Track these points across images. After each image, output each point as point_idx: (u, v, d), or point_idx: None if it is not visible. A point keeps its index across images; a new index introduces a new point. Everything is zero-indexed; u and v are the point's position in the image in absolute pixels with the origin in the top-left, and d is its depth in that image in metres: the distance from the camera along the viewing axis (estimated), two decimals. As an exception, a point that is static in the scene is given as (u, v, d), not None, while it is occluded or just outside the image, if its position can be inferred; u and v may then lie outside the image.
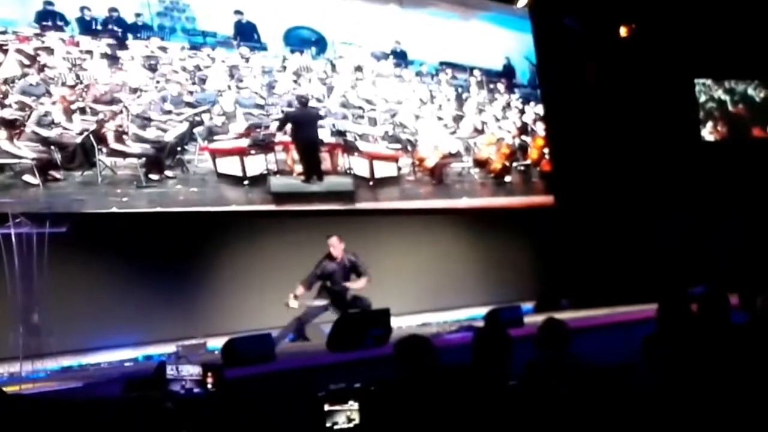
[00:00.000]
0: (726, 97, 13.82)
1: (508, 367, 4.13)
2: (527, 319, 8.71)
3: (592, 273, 11.63)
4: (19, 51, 8.85)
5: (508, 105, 12.63)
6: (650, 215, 12.24)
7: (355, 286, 8.69)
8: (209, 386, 5.26)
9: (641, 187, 12.30)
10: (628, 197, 12.28)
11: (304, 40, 10.96)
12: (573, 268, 11.87)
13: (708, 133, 13.70)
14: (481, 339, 4.26)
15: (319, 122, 10.56)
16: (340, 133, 10.82)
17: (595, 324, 8.42)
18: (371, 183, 10.89)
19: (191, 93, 9.93)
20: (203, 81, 10.08)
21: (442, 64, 12.07)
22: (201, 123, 9.86)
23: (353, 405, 3.74)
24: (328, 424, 3.70)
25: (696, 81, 13.59)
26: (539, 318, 6.80)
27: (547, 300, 11.31)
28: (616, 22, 12.75)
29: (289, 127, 10.26)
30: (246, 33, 10.42)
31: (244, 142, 10.04)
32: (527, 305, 10.76)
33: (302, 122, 10.35)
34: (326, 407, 3.72)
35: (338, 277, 8.75)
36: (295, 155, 10.30)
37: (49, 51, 9.08)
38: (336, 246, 8.82)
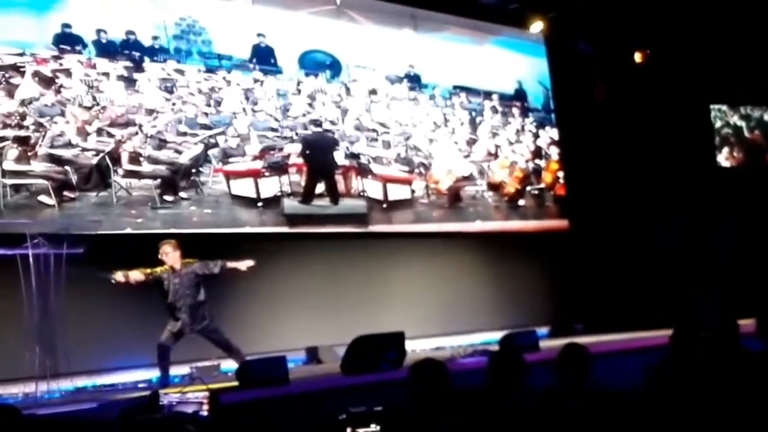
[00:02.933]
0: (742, 123, 13.79)
1: (522, 392, 4.09)
2: (542, 344, 8.64)
3: (607, 297, 11.56)
4: (36, 73, 8.95)
5: (522, 129, 12.65)
6: (665, 240, 12.17)
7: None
8: (204, 412, 5.23)
9: (656, 212, 12.24)
10: (643, 222, 12.23)
11: (319, 64, 11.03)
12: (588, 293, 11.80)
13: (724, 158, 13.66)
14: (496, 363, 4.23)
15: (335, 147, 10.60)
16: (354, 156, 10.84)
17: (611, 349, 8.33)
18: (385, 206, 10.89)
19: (206, 115, 10.00)
20: (218, 103, 10.15)
21: (455, 87, 12.12)
22: (216, 145, 9.91)
23: (375, 428, 3.70)
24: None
25: (712, 107, 13.57)
26: (554, 343, 6.77)
27: (561, 324, 11.24)
28: (630, 47, 12.78)
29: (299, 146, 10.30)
30: (262, 56, 10.50)
31: (259, 164, 10.09)
32: (542, 330, 10.69)
33: (318, 147, 10.38)
34: (348, 430, 3.68)
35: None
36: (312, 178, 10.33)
37: (67, 73, 9.17)
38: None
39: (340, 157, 10.69)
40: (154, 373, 8.28)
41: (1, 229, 7.49)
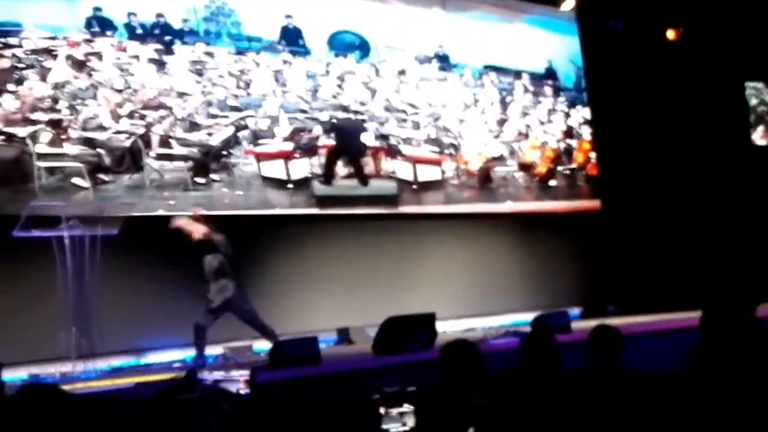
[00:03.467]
0: (779, 101, 13.55)
1: (555, 373, 4.08)
2: (574, 325, 8.60)
3: (639, 279, 11.46)
4: (69, 56, 9.03)
5: (554, 108, 12.52)
6: (698, 220, 12.02)
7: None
8: (242, 390, 5.28)
9: (689, 191, 12.08)
10: (676, 201, 12.08)
11: (348, 45, 11.00)
12: (620, 274, 11.71)
13: (759, 137, 13.42)
14: (529, 344, 4.23)
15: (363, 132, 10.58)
16: (384, 137, 10.82)
17: (643, 331, 8.27)
18: (415, 187, 10.87)
19: (236, 97, 10.03)
20: (248, 85, 10.17)
21: (485, 67, 12.02)
22: (246, 127, 9.95)
23: (408, 408, 3.72)
24: (383, 427, 3.69)
25: (747, 84, 13.33)
26: (586, 324, 6.74)
27: (593, 306, 11.17)
28: (663, 24, 12.57)
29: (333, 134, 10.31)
30: (291, 37, 10.49)
31: (289, 146, 10.11)
32: (573, 311, 10.64)
33: (348, 131, 10.38)
34: (381, 410, 3.70)
35: None
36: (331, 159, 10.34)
37: (99, 56, 9.25)
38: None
39: (369, 138, 10.68)
40: (187, 353, 8.40)
41: (36, 211, 7.59)
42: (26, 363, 7.69)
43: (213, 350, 8.29)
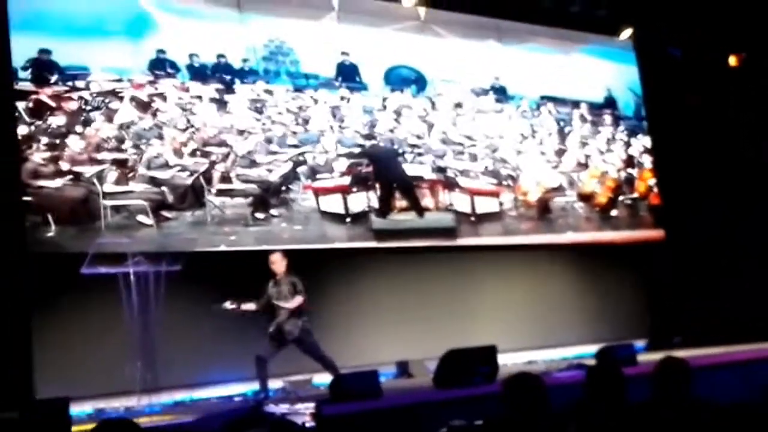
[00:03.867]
0: None
1: (621, 406, 3.99)
2: (639, 358, 8.41)
3: (706, 310, 11.16)
4: (133, 98, 9.30)
5: (613, 137, 12.40)
6: (764, 248, 11.69)
7: (289, 305, 8.09)
8: (307, 423, 5.28)
9: (754, 220, 11.78)
10: (742, 230, 11.78)
11: (404, 79, 11.10)
12: (685, 305, 11.43)
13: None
14: (594, 377, 4.14)
15: (400, 158, 10.59)
16: (441, 170, 10.84)
17: (711, 363, 8.05)
18: (473, 219, 10.83)
19: (295, 133, 10.18)
20: (306, 121, 10.32)
21: (542, 98, 11.99)
22: (304, 162, 10.07)
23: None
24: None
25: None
26: (651, 356, 6.59)
27: (659, 337, 10.92)
28: (723, 51, 12.38)
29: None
30: (348, 74, 10.63)
31: (346, 180, 10.19)
32: (638, 343, 10.41)
33: (381, 158, 10.42)
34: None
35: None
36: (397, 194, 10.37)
37: (162, 97, 9.50)
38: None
39: (426, 170, 10.71)
40: (248, 387, 8.45)
41: (103, 249, 7.78)
42: (92, 397, 7.82)
43: (273, 384, 8.32)
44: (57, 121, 8.73)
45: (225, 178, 9.49)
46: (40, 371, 7.79)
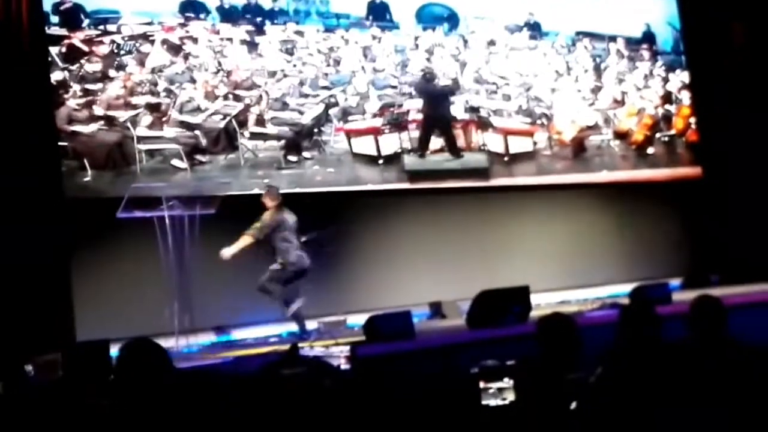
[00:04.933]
0: None
1: (657, 346, 3.97)
2: (675, 296, 8.35)
3: (744, 247, 11.00)
4: (165, 41, 9.29)
5: (651, 73, 12.09)
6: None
7: None
8: (342, 365, 5.34)
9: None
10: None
11: (436, 17, 10.91)
12: (723, 242, 11.27)
13: None
14: (628, 316, 4.11)
15: (451, 98, 10.48)
16: (474, 110, 10.71)
17: (749, 301, 7.97)
18: (506, 159, 10.73)
19: (326, 75, 10.10)
20: (337, 62, 10.23)
21: (578, 33, 11.70)
22: (336, 104, 10.02)
23: (508, 383, 3.68)
24: (483, 402, 3.66)
25: None
26: (687, 295, 6.53)
27: (695, 276, 10.81)
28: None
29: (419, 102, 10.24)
30: (378, 12, 10.48)
31: (379, 122, 10.13)
32: (674, 282, 10.32)
33: (433, 98, 10.30)
34: (481, 384, 3.68)
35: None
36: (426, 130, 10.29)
37: (193, 40, 9.48)
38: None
39: (459, 110, 10.59)
40: (283, 328, 8.58)
41: (138, 193, 7.86)
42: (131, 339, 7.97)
43: (308, 325, 8.43)
44: (91, 66, 8.76)
45: (258, 121, 9.49)
46: (80, 314, 7.98)
